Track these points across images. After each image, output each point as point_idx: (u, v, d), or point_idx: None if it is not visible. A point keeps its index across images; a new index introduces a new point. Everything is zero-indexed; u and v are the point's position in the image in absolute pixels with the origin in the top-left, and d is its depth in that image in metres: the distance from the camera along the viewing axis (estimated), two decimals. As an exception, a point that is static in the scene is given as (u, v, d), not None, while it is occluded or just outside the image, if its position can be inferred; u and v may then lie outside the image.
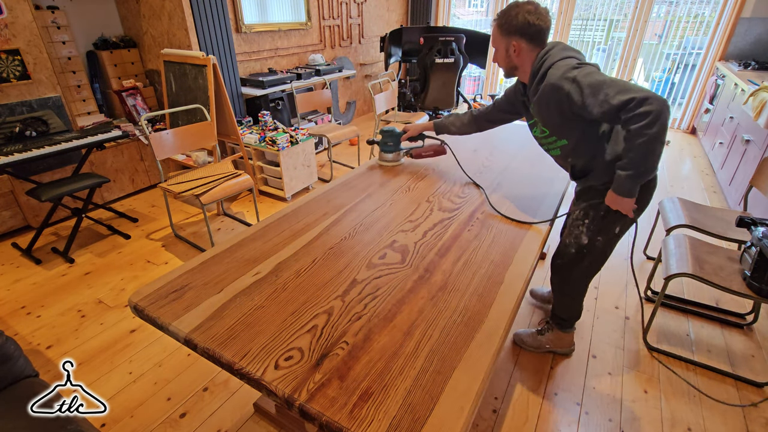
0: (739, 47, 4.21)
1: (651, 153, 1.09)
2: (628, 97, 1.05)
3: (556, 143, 1.38)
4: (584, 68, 1.15)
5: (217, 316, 0.96)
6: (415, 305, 1.00)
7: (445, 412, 0.73)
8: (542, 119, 1.32)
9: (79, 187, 2.41)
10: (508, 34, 1.27)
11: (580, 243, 1.44)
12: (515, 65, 1.32)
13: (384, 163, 1.88)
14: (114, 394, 1.60)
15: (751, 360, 1.76)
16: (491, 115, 1.62)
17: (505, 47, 1.30)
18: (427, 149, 1.82)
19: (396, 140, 1.83)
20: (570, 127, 1.28)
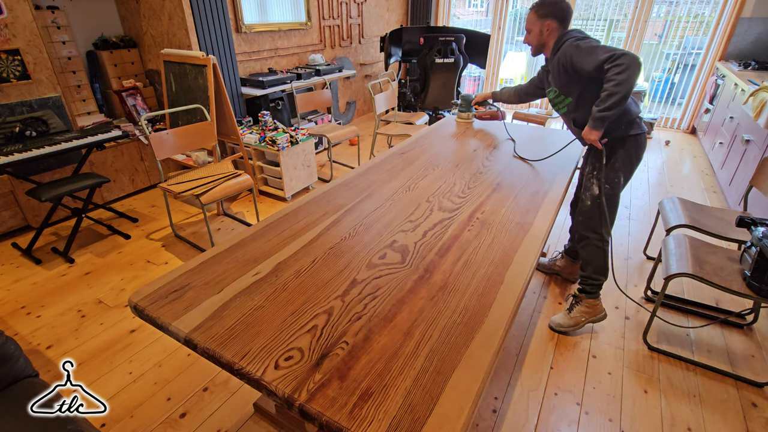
0: (739, 47, 4.21)
1: (616, 93, 1.44)
2: (610, 54, 1.44)
3: (564, 101, 1.74)
4: (587, 40, 1.58)
5: (217, 316, 0.96)
6: (415, 305, 1.00)
7: (445, 412, 0.73)
8: (555, 80, 1.71)
9: (79, 187, 2.41)
10: (543, 17, 1.66)
11: (593, 193, 1.74)
12: (544, 42, 1.71)
13: (460, 120, 2.52)
14: (114, 394, 1.60)
15: (751, 360, 1.76)
16: (528, 89, 2.09)
17: (539, 28, 1.68)
18: (486, 113, 2.37)
19: (467, 103, 2.45)
20: (573, 84, 1.65)
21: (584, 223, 1.79)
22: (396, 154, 1.99)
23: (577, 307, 1.88)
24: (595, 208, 1.74)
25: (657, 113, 5.14)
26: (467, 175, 1.76)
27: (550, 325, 1.92)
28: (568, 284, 2.24)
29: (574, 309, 1.88)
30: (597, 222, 1.76)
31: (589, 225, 1.78)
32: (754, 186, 2.03)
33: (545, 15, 1.65)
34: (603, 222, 1.75)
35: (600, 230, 1.77)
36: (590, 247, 1.80)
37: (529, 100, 2.16)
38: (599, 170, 1.72)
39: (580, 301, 1.87)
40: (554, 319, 1.92)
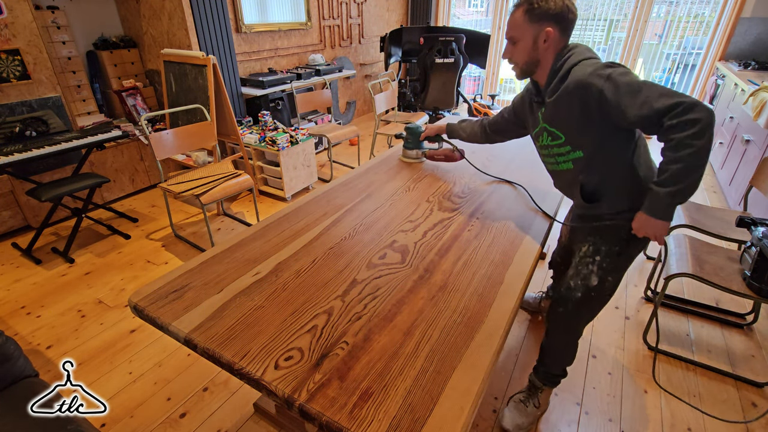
0: (739, 47, 4.21)
1: (698, 167, 0.94)
2: (675, 101, 0.93)
3: (569, 155, 1.18)
4: (619, 67, 1.03)
5: (217, 316, 0.96)
6: (415, 305, 1.00)
7: (445, 412, 0.73)
8: (559, 123, 1.16)
9: (79, 187, 2.41)
10: (540, 20, 1.10)
11: (589, 284, 1.24)
12: (538, 59, 1.15)
13: (405, 160, 1.90)
14: (114, 394, 1.60)
15: (751, 360, 1.76)
16: (499, 125, 1.51)
17: (533, 36, 1.12)
18: (440, 153, 1.80)
19: (415, 138, 1.84)
20: (591, 133, 1.11)
21: (566, 315, 1.29)
22: (396, 154, 1.99)
23: (535, 398, 1.48)
24: (585, 303, 1.26)
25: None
26: (467, 175, 1.76)
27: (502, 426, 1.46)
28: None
29: (532, 401, 1.47)
30: (582, 317, 1.30)
31: (571, 318, 1.30)
32: (754, 186, 2.03)
33: (542, 17, 1.10)
34: (589, 317, 1.32)
35: (581, 327, 1.34)
36: (565, 344, 1.37)
37: (500, 141, 1.58)
38: (607, 257, 1.22)
39: (541, 392, 1.48)
40: (507, 416, 1.46)
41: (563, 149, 1.19)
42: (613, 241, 1.22)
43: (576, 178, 1.22)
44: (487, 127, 1.56)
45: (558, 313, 1.32)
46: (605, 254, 1.23)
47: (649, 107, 0.96)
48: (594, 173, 1.18)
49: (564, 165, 1.23)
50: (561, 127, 1.16)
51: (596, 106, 1.04)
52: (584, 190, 1.23)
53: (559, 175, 1.29)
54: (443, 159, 1.79)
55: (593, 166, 1.17)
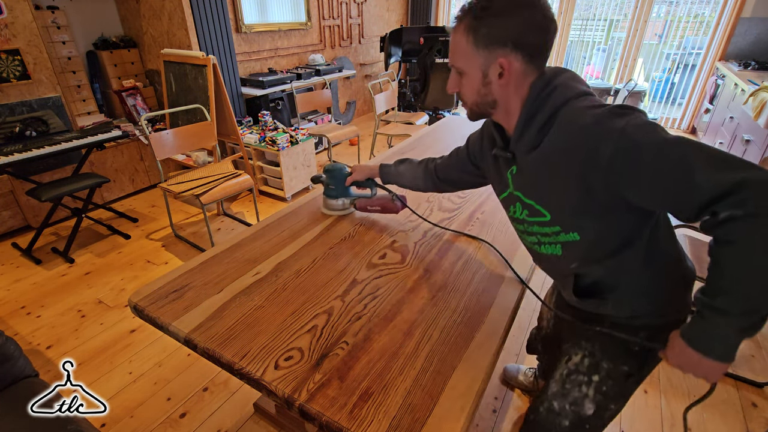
0: (739, 47, 4.21)
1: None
2: (737, 179, 0.55)
3: (557, 236, 0.81)
4: (633, 114, 0.65)
5: (217, 316, 0.96)
6: (415, 305, 1.00)
7: (445, 412, 0.73)
8: (541, 196, 0.79)
9: (79, 187, 2.41)
10: (490, 45, 0.72)
11: (581, 413, 0.91)
12: (494, 99, 0.77)
13: (327, 212, 1.40)
14: (114, 394, 1.60)
15: (751, 360, 1.76)
16: (450, 172, 1.13)
17: (482, 68, 0.74)
18: (374, 202, 1.35)
19: (340, 183, 1.35)
20: (592, 214, 0.74)
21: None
22: (396, 154, 1.99)
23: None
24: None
25: (657, 113, 5.15)
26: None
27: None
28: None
29: None
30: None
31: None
32: (754, 186, 2.03)
33: (492, 41, 0.72)
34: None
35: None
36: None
37: (454, 191, 1.20)
38: (610, 379, 0.88)
39: None
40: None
41: (548, 229, 0.81)
42: (621, 358, 0.86)
43: (567, 267, 0.85)
44: (435, 173, 1.17)
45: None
46: (607, 374, 0.87)
47: (693, 187, 0.59)
48: (595, 263, 0.81)
49: (549, 248, 0.85)
50: (544, 201, 0.79)
51: (603, 176, 0.67)
52: (580, 284, 0.86)
53: (544, 259, 0.90)
54: (379, 210, 1.36)
55: (593, 255, 0.79)
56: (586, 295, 0.86)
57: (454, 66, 0.79)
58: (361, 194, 1.40)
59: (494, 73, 0.74)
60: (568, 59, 5.42)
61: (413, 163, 1.23)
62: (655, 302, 0.82)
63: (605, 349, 0.88)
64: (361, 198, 1.38)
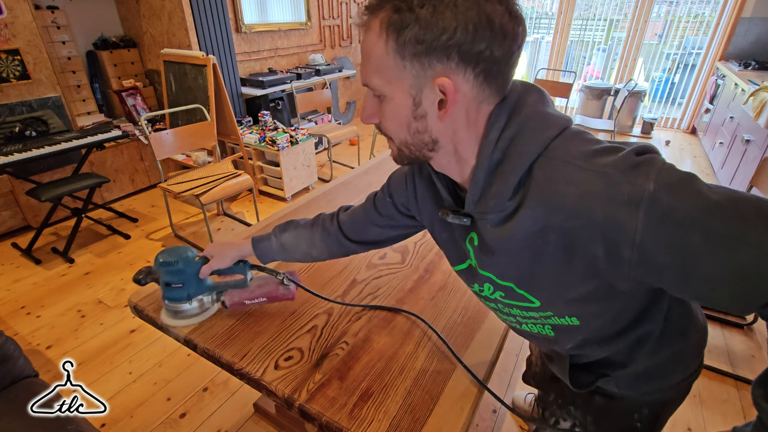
0: (739, 47, 4.21)
1: None
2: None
3: (547, 320, 0.62)
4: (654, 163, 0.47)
5: (217, 316, 0.96)
6: (415, 305, 1.00)
7: (445, 412, 0.73)
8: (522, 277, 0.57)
9: (78, 187, 2.41)
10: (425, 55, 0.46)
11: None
12: (433, 139, 0.52)
13: (168, 321, 0.93)
14: (114, 394, 1.60)
15: (752, 360, 1.76)
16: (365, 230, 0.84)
17: (410, 90, 0.49)
18: (255, 293, 0.93)
19: (189, 276, 0.90)
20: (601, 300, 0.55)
21: None
22: (396, 154, 1.99)
23: None
24: None
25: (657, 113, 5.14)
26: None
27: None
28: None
29: None
30: None
31: None
32: (754, 186, 2.03)
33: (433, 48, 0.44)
34: None
35: None
36: None
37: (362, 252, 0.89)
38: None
39: None
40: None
41: (535, 314, 0.61)
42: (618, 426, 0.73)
43: (563, 348, 0.68)
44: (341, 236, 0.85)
45: None
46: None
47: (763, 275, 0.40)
48: (598, 347, 0.65)
49: (536, 328, 0.66)
50: (529, 287, 0.57)
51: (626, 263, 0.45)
52: (577, 368, 0.71)
53: (527, 335, 0.72)
54: (265, 301, 0.94)
55: (598, 337, 0.63)
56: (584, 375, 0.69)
57: (368, 84, 0.52)
58: (224, 284, 0.95)
59: (430, 101, 0.48)
60: (568, 59, 5.42)
61: (302, 228, 0.89)
62: (667, 378, 0.68)
63: (600, 425, 0.73)
64: (229, 290, 0.94)
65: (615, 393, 0.71)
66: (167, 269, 0.88)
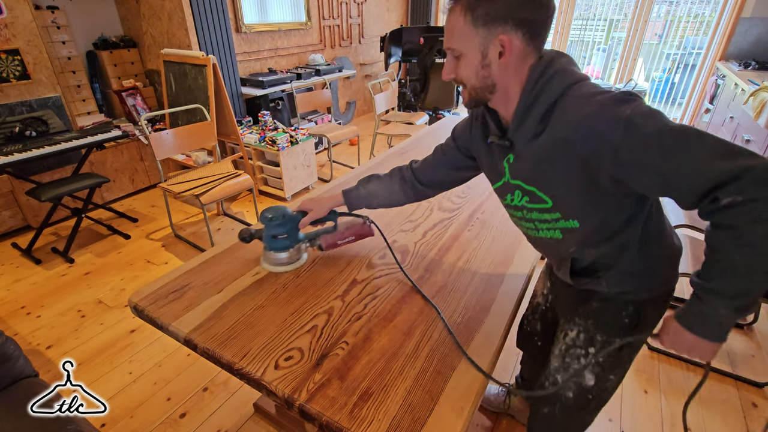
0: (739, 47, 4.21)
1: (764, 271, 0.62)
2: (738, 167, 0.58)
3: (557, 222, 0.82)
4: (636, 102, 0.65)
5: (217, 316, 0.96)
6: (415, 305, 1.00)
7: (445, 412, 0.73)
8: (543, 183, 0.78)
9: (78, 187, 2.41)
10: (490, 23, 0.69)
11: (583, 384, 0.94)
12: (493, 83, 0.75)
13: (274, 269, 1.12)
14: (114, 394, 1.60)
15: (751, 360, 1.76)
16: (435, 176, 1.05)
17: (481, 47, 0.72)
18: (344, 233, 1.16)
19: (292, 228, 1.11)
20: (594, 202, 0.75)
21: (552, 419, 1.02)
22: (396, 154, 1.99)
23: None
24: (580, 406, 0.97)
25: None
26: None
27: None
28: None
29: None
30: (575, 423, 1.03)
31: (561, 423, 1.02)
32: (754, 186, 2.03)
33: (495, 18, 0.70)
34: (587, 423, 1.04)
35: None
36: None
37: (438, 193, 1.11)
38: (602, 349, 0.92)
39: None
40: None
41: (548, 215, 0.82)
42: (613, 330, 0.90)
43: (566, 251, 0.87)
44: (415, 181, 1.07)
45: (542, 415, 1.02)
46: (601, 347, 0.91)
47: (697, 174, 0.60)
48: (593, 248, 0.83)
49: (548, 233, 0.85)
50: (546, 188, 0.78)
51: (608, 166, 0.67)
52: (575, 266, 0.90)
53: (541, 243, 0.92)
54: (353, 240, 1.18)
55: (592, 240, 0.82)
56: (582, 275, 0.90)
57: (450, 49, 0.75)
58: (319, 231, 1.17)
59: (494, 53, 0.72)
60: (568, 59, 5.41)
61: (382, 178, 1.11)
62: (645, 279, 0.86)
63: (598, 324, 0.92)
64: (323, 235, 1.15)
65: (606, 293, 0.89)
66: (274, 223, 1.08)
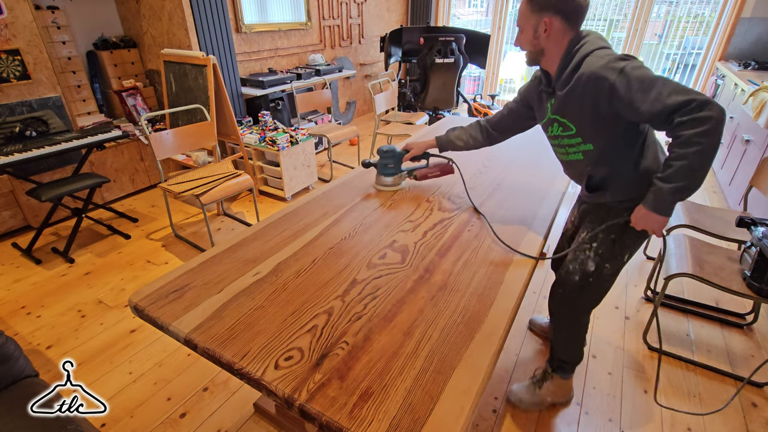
0: (739, 47, 4.21)
1: (704, 165, 0.94)
2: (687, 98, 0.92)
3: (579, 146, 1.19)
4: (632, 60, 1.01)
5: (217, 316, 0.96)
6: (415, 305, 1.00)
7: (445, 412, 0.73)
8: (570, 115, 1.15)
9: (79, 187, 2.41)
10: (540, 10, 1.09)
11: (586, 270, 1.26)
12: (542, 48, 1.14)
13: (382, 188, 1.64)
14: (114, 394, 1.60)
15: (751, 360, 1.76)
16: (504, 122, 1.44)
17: (533, 26, 1.12)
18: (433, 169, 1.64)
19: (397, 161, 1.60)
20: (602, 128, 1.12)
21: (565, 299, 1.33)
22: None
23: (545, 384, 1.52)
24: (584, 287, 1.28)
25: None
26: (467, 175, 1.76)
27: (508, 397, 1.57)
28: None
29: (542, 386, 1.52)
30: (582, 304, 1.32)
31: (570, 303, 1.32)
32: (754, 186, 2.03)
33: (543, 6, 1.08)
34: (589, 304, 1.33)
35: (582, 314, 1.36)
36: (567, 328, 1.39)
37: (504, 140, 1.50)
38: (603, 244, 1.24)
39: (551, 379, 1.51)
40: (515, 390, 1.56)
41: (573, 140, 1.20)
42: (609, 228, 1.24)
43: (585, 169, 1.24)
44: (489, 128, 1.48)
45: (557, 295, 1.36)
46: (602, 241, 1.25)
47: (661, 104, 0.95)
48: (602, 165, 1.20)
49: (574, 156, 1.24)
50: (572, 118, 1.15)
51: (607, 100, 1.04)
52: (590, 181, 1.26)
53: (569, 165, 1.30)
54: (438, 174, 1.65)
55: (602, 159, 1.18)
56: (594, 190, 1.28)
57: (518, 26, 1.17)
58: (416, 166, 1.68)
59: (541, 30, 1.12)
60: (568, 59, 5.41)
61: (465, 127, 1.54)
62: (636, 192, 1.16)
63: (601, 225, 1.26)
64: (418, 169, 1.67)
65: (609, 203, 1.25)
66: (387, 155, 1.58)
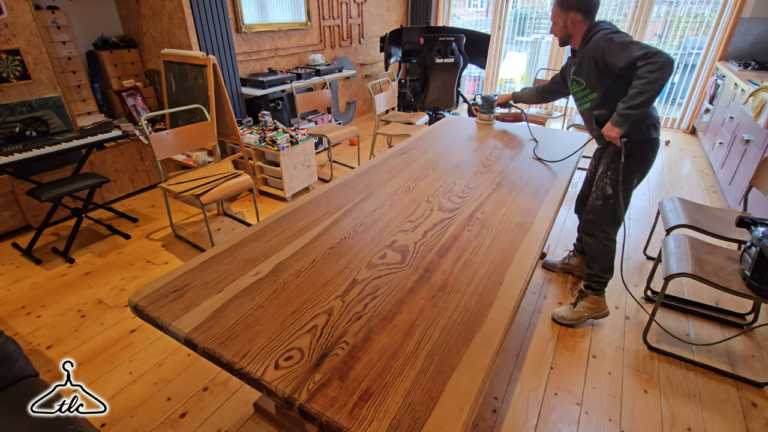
0: (739, 47, 4.21)
1: (646, 92, 1.44)
2: (644, 51, 1.42)
3: (588, 96, 1.73)
4: (621, 34, 1.55)
5: (217, 316, 0.96)
6: (415, 305, 1.00)
7: (445, 412, 0.73)
8: (582, 73, 1.69)
9: (79, 187, 2.41)
10: (567, 9, 1.65)
11: (606, 193, 1.76)
12: (570, 34, 1.70)
13: (481, 122, 2.49)
14: (114, 394, 1.60)
15: (751, 360, 1.76)
16: (550, 87, 2.10)
17: (563, 20, 1.68)
18: (508, 115, 2.39)
19: (490, 105, 2.40)
20: (601, 80, 1.64)
21: (594, 221, 1.81)
22: (396, 154, 1.99)
23: (581, 302, 1.91)
24: (606, 208, 1.76)
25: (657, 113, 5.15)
26: (467, 175, 1.76)
27: (552, 317, 1.96)
28: (575, 282, 2.24)
29: (579, 304, 1.92)
30: (606, 221, 1.78)
31: (598, 223, 1.80)
32: (754, 186, 2.03)
33: (569, 7, 1.63)
34: (613, 221, 1.78)
35: (608, 229, 1.79)
36: (598, 245, 1.82)
37: (551, 100, 2.16)
38: (614, 171, 1.72)
39: (586, 297, 1.91)
40: (557, 311, 1.97)
41: (585, 92, 1.74)
42: (617, 160, 1.72)
43: (592, 113, 1.76)
44: (542, 91, 2.15)
45: (588, 220, 1.84)
46: (613, 169, 1.73)
47: (631, 56, 1.46)
48: (604, 109, 1.70)
49: (586, 104, 1.77)
50: (584, 76, 1.70)
51: (602, 58, 1.57)
52: (597, 121, 1.75)
53: (584, 113, 1.82)
54: (512, 120, 2.39)
55: (603, 104, 1.69)
56: (600, 126, 1.73)
57: (552, 20, 1.73)
58: (500, 111, 2.49)
59: (569, 22, 1.67)
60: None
61: (531, 89, 2.20)
62: (635, 132, 1.65)
63: (610, 157, 1.74)
64: (500, 113, 2.43)
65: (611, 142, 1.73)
66: (487, 98, 2.39)
